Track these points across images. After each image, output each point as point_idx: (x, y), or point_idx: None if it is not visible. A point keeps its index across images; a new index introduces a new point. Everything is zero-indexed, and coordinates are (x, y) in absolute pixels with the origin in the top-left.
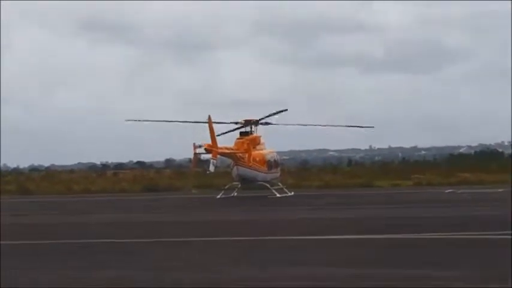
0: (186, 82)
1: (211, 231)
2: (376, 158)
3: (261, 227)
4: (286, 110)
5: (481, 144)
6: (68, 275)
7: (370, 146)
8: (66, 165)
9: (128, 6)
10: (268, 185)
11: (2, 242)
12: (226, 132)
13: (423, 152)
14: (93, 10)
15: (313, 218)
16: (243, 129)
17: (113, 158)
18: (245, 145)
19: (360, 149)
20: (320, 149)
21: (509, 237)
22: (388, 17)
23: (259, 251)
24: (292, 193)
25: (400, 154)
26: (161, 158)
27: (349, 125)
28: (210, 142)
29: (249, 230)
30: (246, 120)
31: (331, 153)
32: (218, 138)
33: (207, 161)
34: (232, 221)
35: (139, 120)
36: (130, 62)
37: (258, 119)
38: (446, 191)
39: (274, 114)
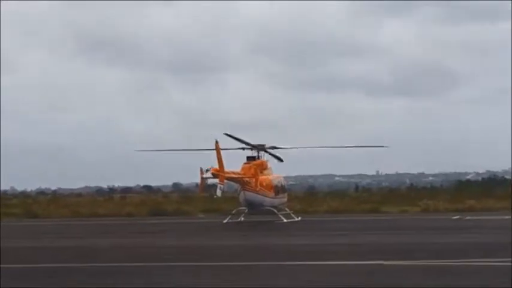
0: (188, 104)
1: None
2: (384, 184)
3: (264, 252)
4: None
5: (488, 171)
6: None
7: (377, 172)
8: (73, 189)
9: (127, 27)
10: (275, 210)
11: None
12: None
13: (430, 178)
14: (96, 31)
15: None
16: (249, 154)
17: (120, 182)
18: (252, 170)
19: (366, 175)
20: (327, 174)
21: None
22: (394, 40)
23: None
24: (299, 218)
25: (407, 180)
26: (168, 182)
27: (360, 145)
28: (217, 166)
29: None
30: (255, 145)
31: (337, 178)
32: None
33: (214, 186)
34: (233, 245)
35: (149, 151)
36: (131, 83)
37: (264, 144)
38: (454, 218)
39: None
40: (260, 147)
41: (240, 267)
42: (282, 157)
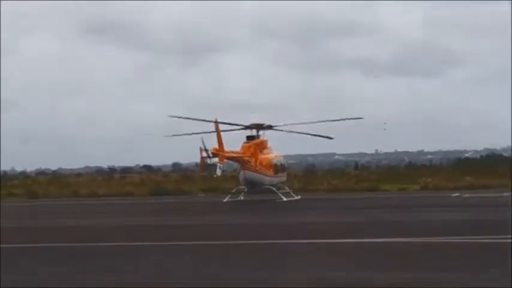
0: (191, 85)
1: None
2: (383, 162)
3: (264, 230)
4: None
5: (487, 149)
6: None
7: (376, 150)
8: (73, 169)
9: (131, 9)
10: (274, 189)
11: None
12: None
13: (429, 156)
14: (99, 14)
15: (319, 222)
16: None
17: (120, 162)
18: (252, 149)
19: (366, 153)
20: (327, 153)
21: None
22: (395, 20)
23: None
24: (299, 197)
25: (406, 158)
26: (168, 162)
27: (338, 119)
28: (217, 146)
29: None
30: (252, 125)
31: (337, 157)
32: (225, 141)
33: (214, 165)
34: (234, 224)
35: (183, 118)
36: (132, 65)
37: (264, 123)
38: (453, 195)
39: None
40: (258, 127)
41: (238, 245)
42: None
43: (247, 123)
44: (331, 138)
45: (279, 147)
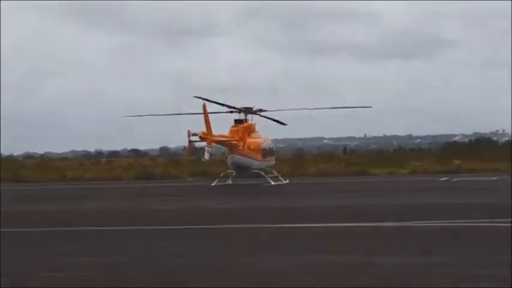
0: (177, 68)
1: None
2: (371, 146)
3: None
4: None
5: (475, 133)
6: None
7: (365, 134)
8: (61, 153)
9: None
10: (262, 173)
11: None
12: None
13: (418, 140)
14: None
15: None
16: (237, 117)
17: (107, 146)
18: (240, 133)
19: (355, 137)
20: (315, 137)
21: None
22: (384, 3)
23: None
24: (287, 181)
25: (395, 142)
26: (156, 146)
27: (346, 106)
28: (204, 130)
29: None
30: (242, 108)
31: (326, 141)
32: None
33: (202, 149)
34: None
35: (138, 116)
36: (121, 48)
37: (252, 107)
38: (441, 179)
39: (275, 120)
40: (248, 110)
41: (224, 230)
42: (284, 121)
43: (237, 106)
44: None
45: (267, 131)
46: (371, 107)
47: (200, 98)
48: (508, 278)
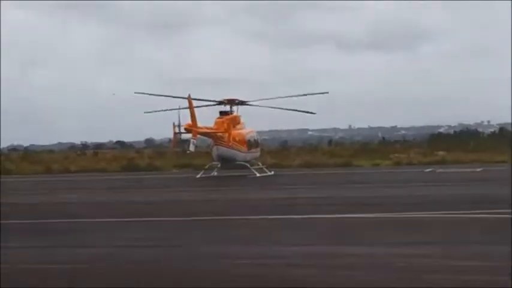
0: (163, 60)
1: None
2: (356, 138)
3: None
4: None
5: (460, 124)
6: None
7: (350, 126)
8: (46, 145)
9: None
10: (248, 165)
11: None
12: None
13: (403, 132)
14: None
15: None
16: (223, 109)
17: (92, 138)
18: (225, 125)
19: (339, 129)
20: (300, 129)
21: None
22: None
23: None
24: (272, 172)
25: (379, 134)
26: (141, 138)
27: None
28: (190, 122)
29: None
30: (226, 100)
31: (310, 133)
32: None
33: (187, 141)
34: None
35: (148, 94)
36: (107, 40)
37: (237, 98)
38: (426, 171)
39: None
40: (231, 102)
41: (212, 221)
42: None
43: (220, 99)
44: (312, 113)
45: (252, 123)
46: (327, 92)
47: (142, 93)
48: None
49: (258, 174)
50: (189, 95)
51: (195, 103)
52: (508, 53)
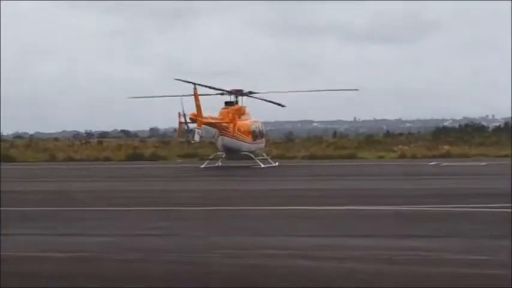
0: (167, 50)
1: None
2: (361, 130)
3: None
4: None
5: (465, 118)
6: None
7: (355, 118)
8: (51, 133)
9: None
10: (252, 156)
11: None
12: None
13: (408, 125)
14: None
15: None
16: (228, 99)
17: (97, 127)
18: (230, 115)
19: (344, 121)
20: (305, 120)
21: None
22: None
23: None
24: (277, 164)
25: (384, 126)
26: (146, 127)
27: (334, 89)
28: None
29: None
30: (232, 90)
31: (315, 124)
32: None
33: (192, 131)
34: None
35: (140, 97)
36: (110, 29)
37: (241, 89)
38: (431, 164)
39: (272, 102)
40: (238, 93)
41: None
42: (282, 103)
43: (227, 89)
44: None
45: (257, 114)
46: (358, 89)
47: (180, 80)
48: None
49: (262, 165)
50: (195, 86)
51: (202, 91)
52: None
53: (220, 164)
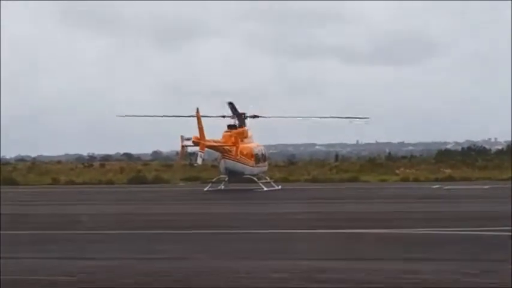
0: (169, 71)
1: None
2: (363, 153)
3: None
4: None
5: (468, 141)
6: None
7: (357, 141)
8: (53, 156)
9: None
10: (255, 179)
11: None
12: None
13: (410, 148)
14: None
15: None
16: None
17: (100, 150)
18: (233, 138)
19: (347, 144)
20: (307, 143)
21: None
22: (374, 8)
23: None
24: (280, 187)
25: (387, 149)
26: (148, 150)
27: (342, 116)
28: (197, 135)
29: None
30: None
31: (318, 147)
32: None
33: (195, 154)
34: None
35: (130, 116)
36: (111, 49)
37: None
38: (433, 187)
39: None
40: (240, 116)
41: (213, 235)
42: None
43: (228, 112)
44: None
45: (259, 137)
46: (368, 118)
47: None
48: None
49: (265, 188)
50: (197, 109)
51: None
52: None
53: (222, 187)
